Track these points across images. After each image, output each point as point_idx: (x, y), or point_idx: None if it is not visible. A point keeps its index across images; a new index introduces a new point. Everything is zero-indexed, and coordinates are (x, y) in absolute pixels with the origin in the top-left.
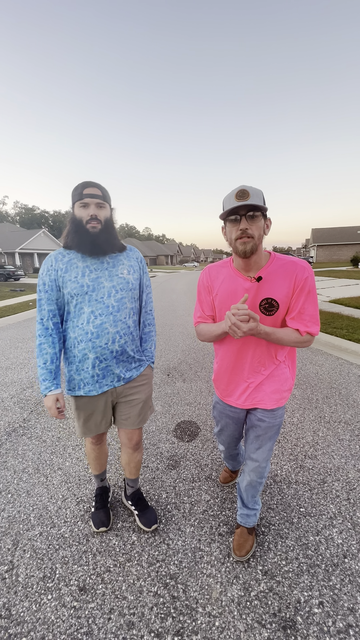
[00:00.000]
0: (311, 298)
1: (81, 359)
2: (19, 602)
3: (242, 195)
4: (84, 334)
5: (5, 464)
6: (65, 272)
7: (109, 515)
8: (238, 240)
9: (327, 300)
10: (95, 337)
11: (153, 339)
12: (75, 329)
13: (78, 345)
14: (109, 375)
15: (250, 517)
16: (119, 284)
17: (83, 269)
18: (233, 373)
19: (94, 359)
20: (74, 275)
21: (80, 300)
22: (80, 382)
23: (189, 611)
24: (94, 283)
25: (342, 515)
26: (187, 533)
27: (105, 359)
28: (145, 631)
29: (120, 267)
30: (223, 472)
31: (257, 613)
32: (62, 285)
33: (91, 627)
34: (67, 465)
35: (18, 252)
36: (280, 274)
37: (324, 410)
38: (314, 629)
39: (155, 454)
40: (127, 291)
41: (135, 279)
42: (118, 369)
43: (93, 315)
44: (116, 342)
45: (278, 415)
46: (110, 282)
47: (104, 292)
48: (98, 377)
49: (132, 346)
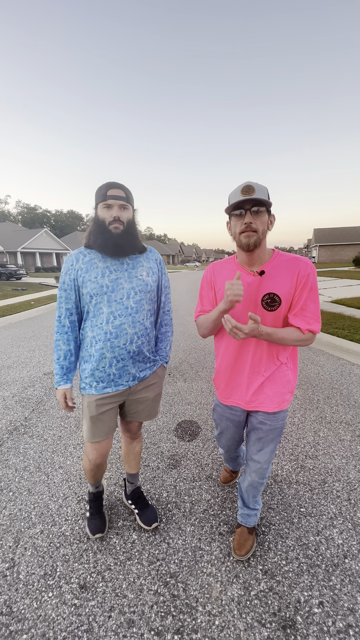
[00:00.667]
0: (313, 295)
1: (98, 358)
2: (20, 600)
3: (247, 190)
4: (102, 334)
5: (6, 463)
6: (85, 272)
7: (104, 521)
8: (242, 233)
9: (329, 301)
10: (114, 337)
11: (169, 339)
12: (94, 329)
13: (96, 344)
14: (125, 375)
15: (251, 517)
16: (138, 286)
17: (103, 270)
18: (233, 373)
19: (111, 358)
20: (94, 276)
21: (99, 301)
22: (93, 381)
23: (189, 610)
24: (114, 284)
25: (343, 516)
26: (187, 532)
27: (122, 358)
28: (145, 629)
29: (139, 268)
30: (223, 472)
31: (257, 612)
32: (81, 285)
33: (91, 625)
34: (68, 464)
35: (20, 252)
36: (283, 270)
37: (325, 410)
38: (313, 629)
39: (156, 453)
40: (146, 293)
41: (154, 281)
42: (134, 369)
43: (112, 316)
44: (134, 343)
45: (280, 418)
46: (130, 284)
47: (123, 294)
48: (114, 376)
49: (148, 347)
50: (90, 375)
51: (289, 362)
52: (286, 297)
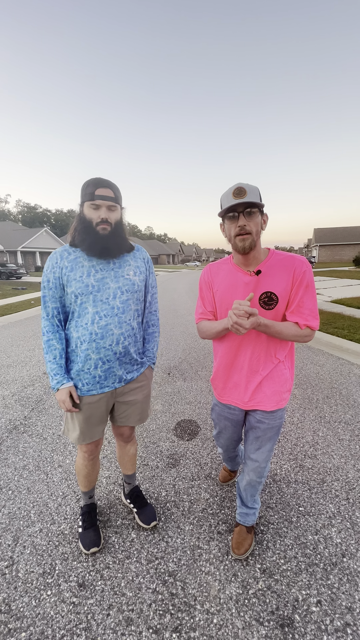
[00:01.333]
0: (310, 292)
1: (83, 359)
2: (19, 598)
3: (239, 193)
4: (87, 334)
5: (6, 461)
6: (70, 270)
7: (99, 534)
8: (237, 237)
9: (329, 301)
10: (99, 337)
11: (156, 339)
12: (79, 329)
13: (81, 345)
14: (110, 377)
15: (249, 515)
16: (125, 285)
17: (89, 269)
18: (232, 372)
19: (96, 359)
20: (79, 275)
21: (84, 300)
22: (79, 382)
23: (187, 608)
24: (99, 283)
25: (341, 515)
26: (186, 531)
27: (108, 360)
28: (143, 627)
29: (126, 267)
30: (222, 471)
31: (255, 611)
32: (66, 283)
33: (90, 623)
34: (67, 463)
35: (20, 251)
36: (279, 268)
37: (324, 410)
38: (311, 627)
39: (155, 452)
40: (132, 293)
41: (141, 281)
42: (120, 371)
43: (98, 316)
44: (120, 344)
45: (278, 416)
46: (116, 284)
47: (109, 293)
48: (100, 377)
49: (134, 347)
50: (75, 377)
51: (286, 361)
52: (283, 295)
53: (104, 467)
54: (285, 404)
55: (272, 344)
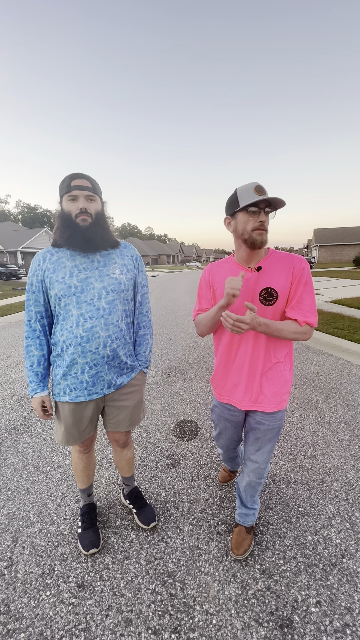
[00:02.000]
0: (308, 289)
1: (70, 364)
2: (18, 598)
3: (260, 190)
4: (73, 338)
5: (5, 462)
6: (52, 272)
7: (98, 535)
8: (256, 231)
9: (329, 301)
10: (85, 341)
11: (148, 342)
12: (64, 332)
13: (67, 349)
14: (99, 382)
15: (249, 516)
16: (110, 285)
17: (71, 269)
18: (232, 372)
19: (83, 364)
20: (61, 276)
21: (68, 302)
22: (67, 388)
23: (186, 609)
24: (83, 284)
25: (341, 515)
26: (185, 531)
27: (96, 364)
28: (142, 628)
29: (112, 266)
30: (222, 471)
31: (254, 611)
32: (49, 286)
33: (89, 624)
34: (66, 464)
35: (20, 251)
36: (279, 265)
37: (324, 410)
38: (310, 628)
39: (154, 453)
40: (119, 292)
41: (129, 279)
42: (109, 375)
43: (83, 318)
44: (107, 347)
45: (278, 418)
46: (101, 283)
47: (93, 294)
48: (88, 384)
49: (124, 350)
50: (63, 381)
51: (286, 362)
52: (283, 291)
53: (103, 467)
54: (285, 405)
55: (271, 343)
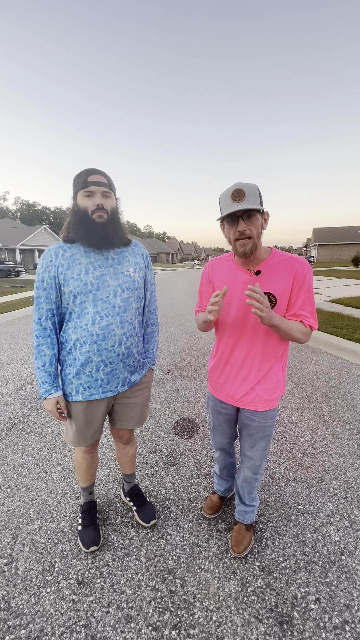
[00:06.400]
0: (310, 295)
1: (84, 362)
2: (18, 595)
3: (237, 196)
4: (88, 336)
5: (5, 459)
6: (67, 268)
7: (99, 533)
8: (237, 241)
9: (328, 300)
10: (101, 339)
11: (155, 339)
12: (79, 330)
13: (81, 347)
14: (114, 380)
15: (248, 513)
16: (125, 283)
17: (87, 266)
18: (227, 367)
19: (98, 362)
20: (76, 273)
21: (84, 300)
22: (80, 387)
23: (186, 605)
24: (99, 281)
25: (340, 513)
26: (185, 529)
27: (111, 362)
28: (143, 624)
29: (125, 264)
30: (209, 499)
31: (254, 608)
32: (63, 283)
33: (89, 620)
34: (66, 461)
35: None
36: (280, 269)
37: (323, 409)
38: (310, 625)
39: (154, 451)
40: (133, 290)
41: (141, 277)
42: (124, 373)
43: (99, 316)
44: (123, 344)
45: (269, 416)
46: (116, 281)
47: (109, 291)
48: (102, 381)
49: (137, 348)
50: (75, 380)
51: (280, 362)
52: (282, 296)
53: (103, 465)
54: (276, 404)
55: (269, 343)
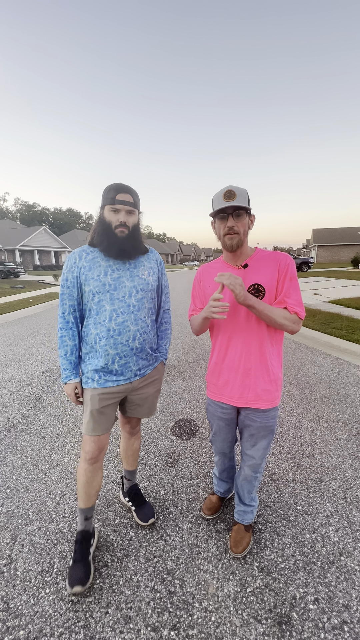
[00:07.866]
0: (294, 284)
1: (102, 355)
2: (17, 596)
3: (229, 195)
4: (106, 331)
5: (4, 460)
6: (88, 270)
7: (88, 571)
8: (226, 236)
9: (327, 301)
10: (117, 334)
11: (169, 336)
12: (98, 326)
13: (100, 341)
14: (127, 372)
15: (247, 514)
16: (140, 284)
17: (105, 268)
18: (224, 367)
19: (114, 354)
20: (96, 274)
21: (102, 298)
22: (95, 374)
23: (185, 606)
24: (116, 282)
25: (339, 514)
26: (184, 529)
27: (125, 355)
28: (142, 625)
29: (141, 268)
30: (208, 499)
31: (253, 609)
32: (84, 282)
33: (88, 621)
34: (65, 462)
35: (18, 249)
36: (265, 262)
37: (322, 409)
38: (309, 625)
39: (153, 451)
40: (147, 292)
41: (154, 280)
42: (136, 365)
43: (115, 314)
44: (136, 340)
45: (271, 416)
46: (132, 282)
47: (125, 292)
48: (117, 372)
49: (149, 344)
50: (92, 370)
51: (277, 361)
52: (270, 286)
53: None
54: (278, 403)
55: (264, 342)
